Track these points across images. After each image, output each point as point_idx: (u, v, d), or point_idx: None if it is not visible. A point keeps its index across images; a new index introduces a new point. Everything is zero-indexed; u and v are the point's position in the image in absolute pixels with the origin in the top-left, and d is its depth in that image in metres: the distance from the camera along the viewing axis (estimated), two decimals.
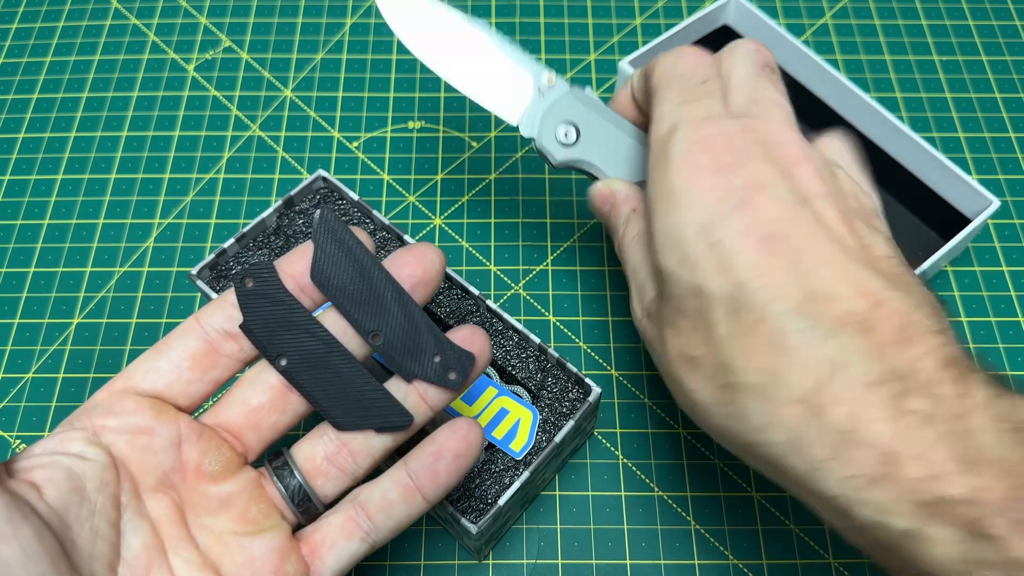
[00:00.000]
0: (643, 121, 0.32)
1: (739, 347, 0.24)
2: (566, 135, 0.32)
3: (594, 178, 0.32)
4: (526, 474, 0.31)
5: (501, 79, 0.33)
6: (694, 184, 0.26)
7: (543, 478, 0.34)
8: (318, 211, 0.26)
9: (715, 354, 0.24)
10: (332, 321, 0.26)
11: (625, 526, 0.35)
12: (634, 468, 0.36)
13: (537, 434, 0.33)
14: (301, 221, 0.37)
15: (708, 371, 0.25)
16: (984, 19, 0.49)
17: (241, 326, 0.25)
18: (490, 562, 0.34)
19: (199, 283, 0.35)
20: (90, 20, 0.49)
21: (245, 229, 0.36)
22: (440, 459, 0.26)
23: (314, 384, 0.26)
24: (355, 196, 0.37)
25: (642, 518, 0.35)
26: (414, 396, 0.26)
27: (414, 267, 0.26)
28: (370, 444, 0.26)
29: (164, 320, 0.39)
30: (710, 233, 0.25)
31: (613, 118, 0.32)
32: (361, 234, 0.26)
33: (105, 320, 0.39)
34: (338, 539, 0.26)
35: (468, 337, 0.26)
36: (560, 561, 0.34)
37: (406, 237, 0.36)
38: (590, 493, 0.35)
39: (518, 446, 0.32)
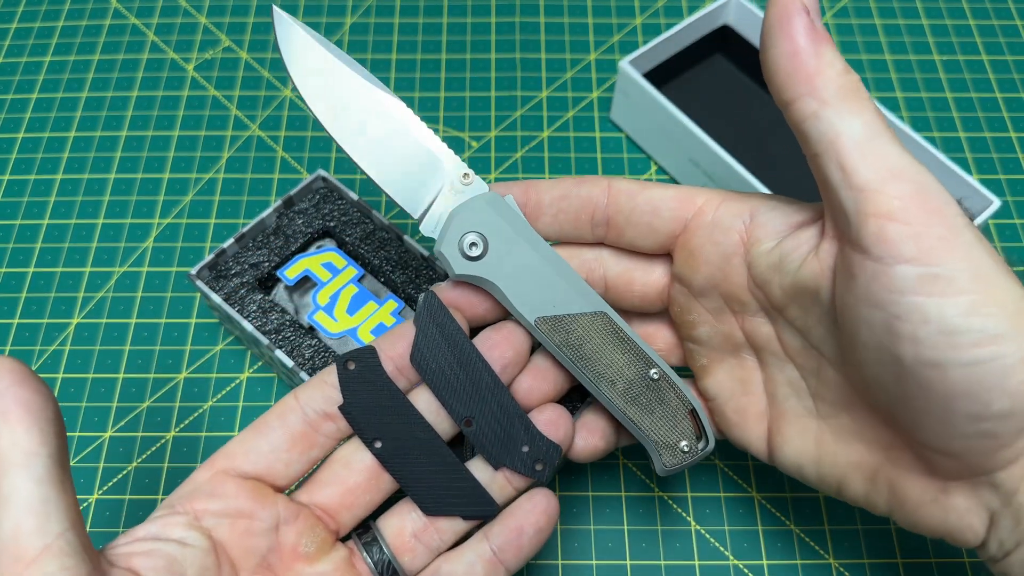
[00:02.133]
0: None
1: None
2: (472, 246, 0.26)
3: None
4: None
5: (411, 162, 0.28)
6: None
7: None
8: (422, 295, 0.27)
9: None
10: (424, 404, 0.27)
11: (625, 526, 0.35)
12: (634, 468, 0.36)
13: None
14: (300, 221, 0.37)
15: None
16: (985, 19, 0.49)
17: (341, 408, 0.26)
18: None
19: (199, 283, 0.35)
20: (89, 20, 0.49)
21: (245, 229, 0.36)
22: (523, 535, 0.26)
23: (406, 468, 0.27)
24: (355, 196, 0.37)
25: (642, 518, 0.35)
26: (501, 481, 0.27)
27: (504, 349, 0.27)
28: (456, 524, 0.27)
29: (163, 320, 0.39)
30: None
31: (531, 237, 0.27)
32: (460, 317, 0.27)
33: (104, 320, 0.39)
34: None
35: (554, 421, 0.27)
36: (560, 561, 0.34)
37: (405, 237, 0.36)
38: (590, 493, 0.35)
39: None
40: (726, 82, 0.46)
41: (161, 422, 0.37)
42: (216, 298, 0.35)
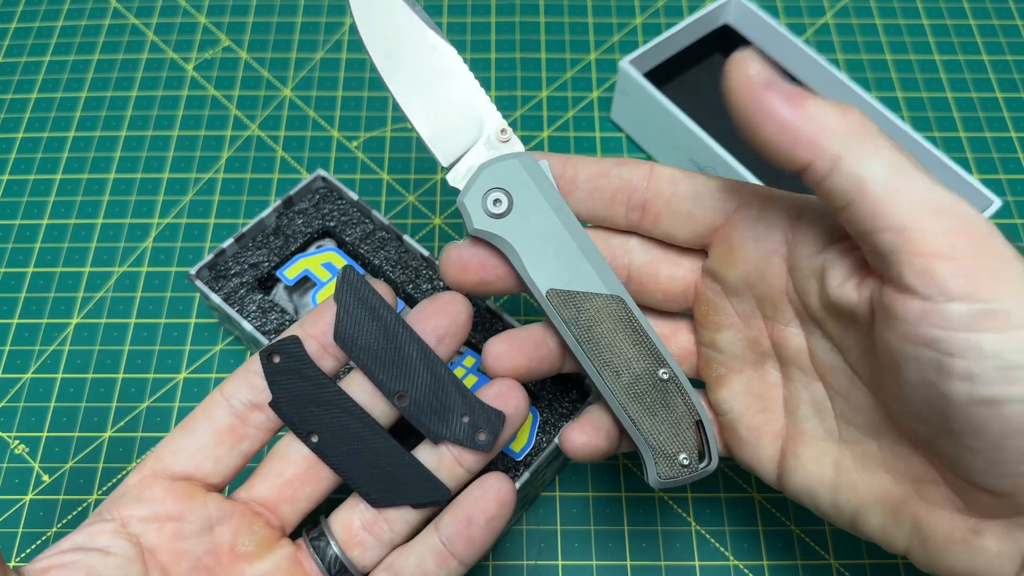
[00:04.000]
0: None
1: None
2: (496, 203, 0.26)
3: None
4: (526, 475, 0.31)
5: (452, 108, 0.27)
6: None
7: (543, 479, 0.34)
8: (340, 269, 0.25)
9: None
10: (359, 387, 0.26)
11: (625, 527, 0.35)
12: (634, 468, 0.36)
13: (537, 435, 0.32)
14: (300, 221, 0.37)
15: None
16: (985, 18, 0.49)
17: (270, 404, 0.25)
18: (490, 563, 0.34)
19: (198, 283, 0.35)
20: (89, 19, 0.49)
21: (244, 229, 0.36)
22: (473, 524, 0.25)
23: (346, 460, 0.26)
24: (354, 196, 0.37)
25: (642, 519, 0.35)
26: (448, 461, 0.26)
27: (439, 319, 0.26)
28: (406, 514, 0.26)
29: (163, 320, 0.39)
30: None
31: (558, 206, 0.26)
32: (383, 288, 0.26)
33: (104, 320, 0.39)
34: None
35: (502, 393, 0.26)
36: (560, 562, 0.34)
37: (405, 237, 0.36)
38: (590, 494, 0.35)
39: (518, 447, 0.32)
40: None
41: (161, 422, 0.37)
42: (216, 298, 0.34)
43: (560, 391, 0.33)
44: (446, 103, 0.27)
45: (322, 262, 0.36)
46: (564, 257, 0.26)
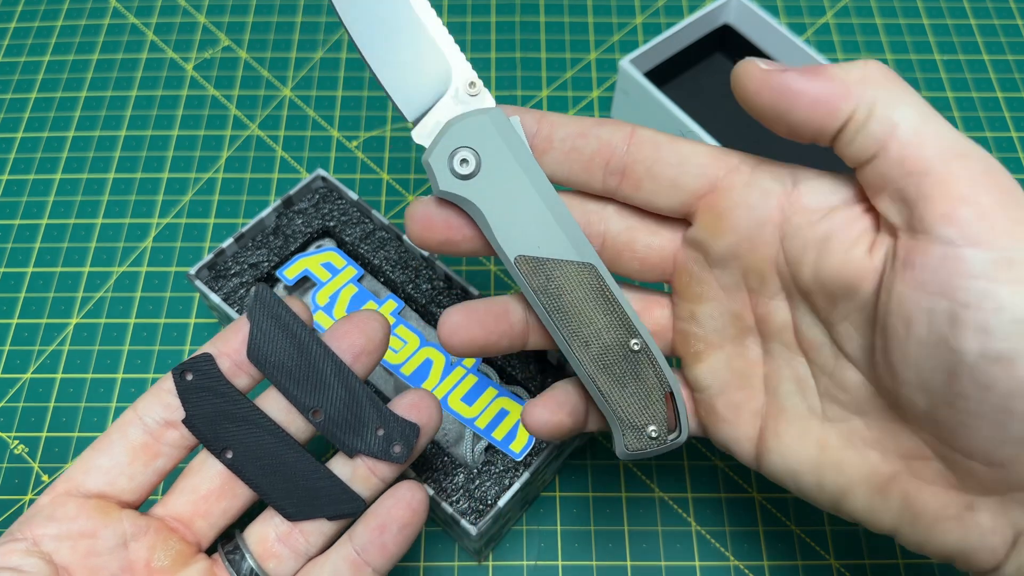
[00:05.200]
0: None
1: None
2: (462, 163, 0.24)
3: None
4: (526, 475, 0.31)
5: (418, 57, 0.25)
6: None
7: (543, 479, 0.34)
8: (253, 288, 0.26)
9: None
10: (274, 403, 0.26)
11: (625, 527, 0.35)
12: (634, 469, 0.36)
13: None
14: (300, 221, 0.37)
15: None
16: (986, 18, 0.49)
17: (184, 421, 0.25)
18: (490, 563, 0.34)
19: (198, 283, 0.35)
20: (88, 19, 0.49)
21: (244, 229, 0.36)
22: (386, 532, 0.25)
23: (261, 475, 0.26)
24: (354, 196, 0.37)
25: (642, 519, 0.35)
26: (363, 472, 0.26)
27: (355, 336, 0.26)
28: (322, 526, 0.26)
29: (163, 320, 0.39)
30: None
31: (530, 167, 0.25)
32: (298, 306, 0.26)
33: (104, 320, 0.39)
34: None
35: (415, 404, 0.26)
36: (560, 562, 0.34)
37: (405, 237, 0.36)
38: (590, 494, 0.35)
39: (518, 447, 0.32)
40: (726, 81, 0.45)
41: None
42: (215, 298, 0.34)
43: None
44: (412, 51, 0.25)
45: (322, 262, 0.36)
46: (535, 222, 0.24)
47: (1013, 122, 0.45)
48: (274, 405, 0.26)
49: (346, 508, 0.26)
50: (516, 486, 0.31)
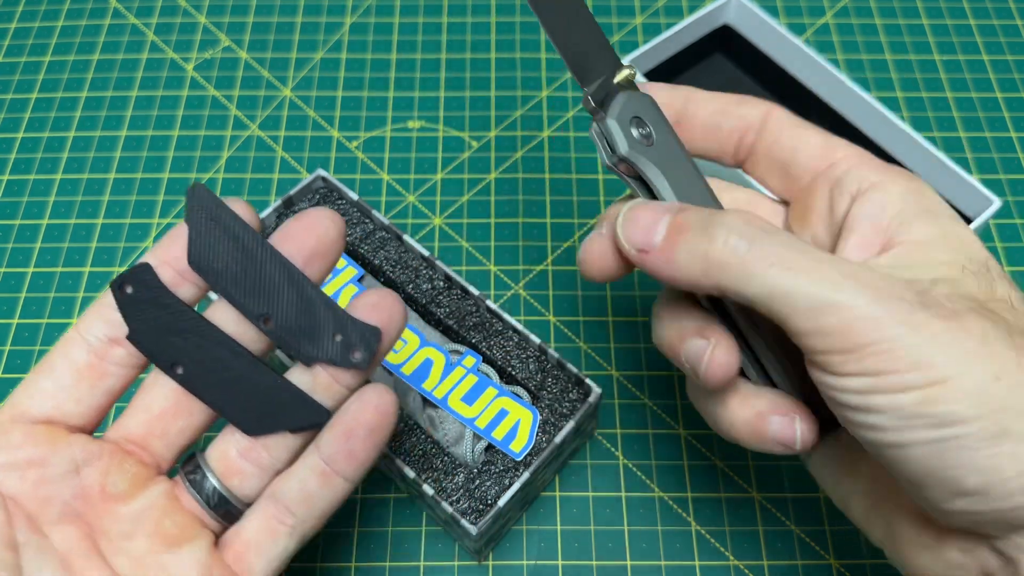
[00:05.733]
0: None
1: None
2: (641, 131, 0.25)
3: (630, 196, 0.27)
4: (526, 475, 0.31)
5: (586, 36, 0.26)
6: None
7: (543, 479, 0.34)
8: (188, 188, 0.24)
9: None
10: (224, 314, 0.24)
11: (625, 527, 0.35)
12: (634, 468, 0.36)
13: (537, 435, 0.32)
14: None
15: None
16: (985, 18, 0.49)
17: (128, 337, 0.24)
18: (490, 563, 0.34)
19: None
20: (89, 19, 0.49)
21: None
22: (353, 437, 0.24)
23: (216, 390, 0.24)
24: (355, 196, 0.37)
25: (642, 519, 0.35)
26: (324, 380, 0.24)
27: (305, 237, 0.24)
28: (286, 439, 0.25)
29: None
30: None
31: (683, 144, 0.26)
32: (240, 206, 0.24)
33: None
34: (263, 541, 0.24)
35: (376, 304, 0.24)
36: (560, 562, 0.34)
37: (405, 237, 0.36)
38: (590, 494, 0.35)
39: (518, 447, 0.32)
40: (726, 82, 0.45)
41: None
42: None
43: (560, 391, 0.33)
44: (582, 31, 0.26)
45: None
46: (695, 189, 0.25)
47: (1012, 122, 0.45)
48: (224, 316, 0.24)
49: (309, 419, 0.24)
50: (516, 486, 0.31)
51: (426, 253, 0.36)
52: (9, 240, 0.42)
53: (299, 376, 0.25)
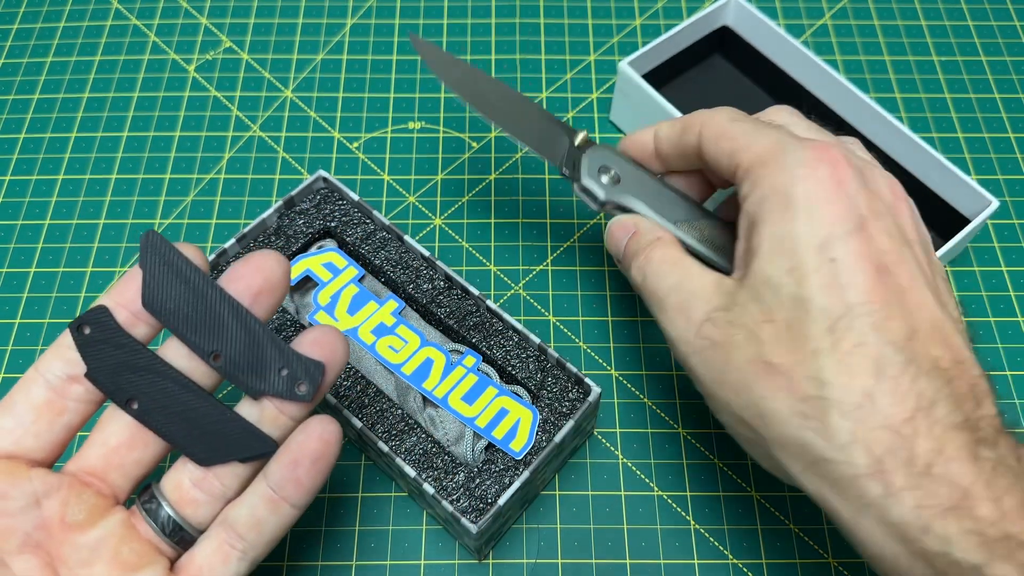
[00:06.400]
0: (662, 167, 0.33)
1: (836, 364, 0.24)
2: (606, 180, 0.32)
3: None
4: (526, 474, 0.31)
5: (538, 128, 0.34)
6: (816, 195, 0.25)
7: (543, 478, 0.34)
8: (142, 235, 0.25)
9: (806, 366, 0.24)
10: (176, 351, 0.26)
11: (625, 526, 0.35)
12: (634, 468, 0.36)
13: (537, 434, 0.33)
14: (301, 221, 0.37)
15: (793, 381, 0.25)
16: (983, 20, 0.49)
17: (86, 375, 0.25)
18: (490, 562, 0.34)
19: None
20: (91, 21, 0.49)
21: (246, 229, 0.36)
22: (299, 466, 0.25)
23: (169, 423, 0.25)
24: (355, 196, 0.37)
25: (642, 518, 0.35)
26: (271, 412, 0.26)
27: (252, 278, 0.25)
28: (236, 469, 0.26)
29: None
30: (828, 250, 0.25)
31: (642, 168, 0.33)
32: (191, 251, 0.26)
33: None
34: (215, 565, 0.25)
35: (318, 340, 0.26)
36: (560, 561, 0.34)
37: (406, 237, 0.36)
38: (590, 493, 0.35)
39: (518, 446, 0.32)
40: (725, 83, 0.46)
41: None
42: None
43: (560, 391, 0.34)
44: (535, 128, 0.34)
45: (323, 262, 0.36)
46: (666, 202, 0.32)
47: (1010, 123, 0.46)
48: (176, 353, 0.26)
49: (257, 449, 0.26)
50: (516, 485, 0.31)
51: (426, 253, 0.36)
52: (11, 240, 0.42)
53: (247, 409, 0.26)
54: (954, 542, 0.22)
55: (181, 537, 0.26)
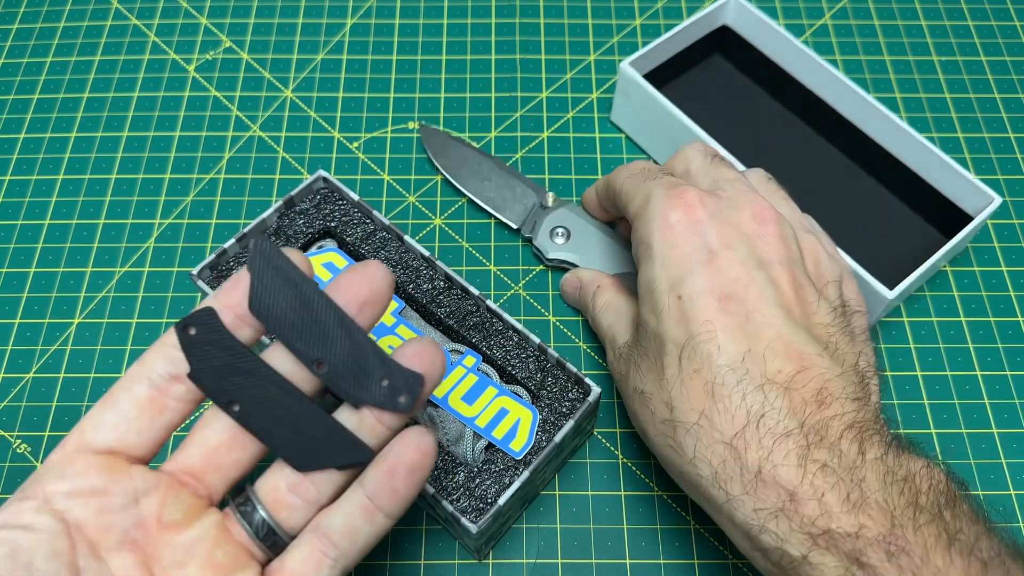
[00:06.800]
0: (606, 217, 0.39)
1: (681, 390, 0.28)
2: (559, 238, 0.39)
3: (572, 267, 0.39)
4: (526, 474, 0.31)
5: (511, 195, 0.42)
6: (668, 240, 0.29)
7: (543, 478, 0.34)
8: (252, 240, 0.25)
9: (662, 393, 0.29)
10: (280, 357, 0.26)
11: (625, 525, 0.35)
12: (634, 468, 0.36)
13: (537, 434, 0.33)
14: (301, 221, 0.37)
15: (655, 406, 0.29)
16: (983, 19, 0.49)
17: (189, 375, 0.25)
18: (490, 562, 0.34)
19: (200, 283, 0.35)
20: (91, 20, 0.49)
21: (246, 229, 0.36)
22: (395, 476, 0.25)
23: (269, 427, 0.25)
24: (355, 196, 0.37)
25: (642, 517, 0.35)
26: (370, 421, 0.26)
27: (359, 287, 0.26)
28: (332, 475, 0.26)
29: (164, 320, 0.39)
30: (677, 288, 0.29)
31: (596, 223, 0.39)
32: (297, 257, 0.26)
33: (106, 320, 0.39)
34: (307, 572, 0.25)
35: (418, 353, 0.26)
36: (560, 560, 0.34)
37: (406, 237, 0.36)
38: (590, 493, 0.35)
39: (518, 446, 0.32)
40: (726, 82, 0.46)
41: None
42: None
43: (560, 390, 0.34)
44: (506, 193, 0.42)
45: (323, 262, 0.36)
46: (607, 252, 0.39)
47: (1010, 123, 0.46)
48: (279, 358, 0.26)
49: (354, 457, 0.26)
50: (516, 484, 0.31)
51: (426, 253, 0.36)
52: (11, 240, 0.42)
53: (346, 416, 0.26)
54: (786, 539, 0.25)
55: (273, 542, 0.26)
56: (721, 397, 0.27)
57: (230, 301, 0.25)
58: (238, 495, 0.26)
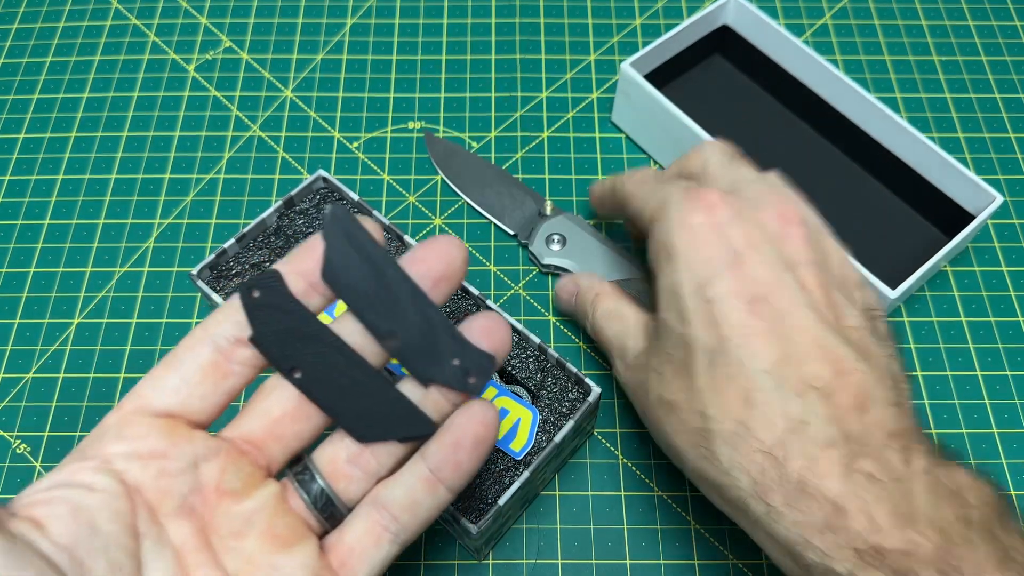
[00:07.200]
0: (608, 213, 0.38)
1: (715, 397, 0.26)
2: (555, 245, 0.40)
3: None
4: (526, 474, 0.31)
5: (511, 202, 0.42)
6: (691, 243, 0.28)
7: (543, 478, 0.34)
8: (328, 206, 0.24)
9: (693, 401, 0.27)
10: (347, 326, 0.25)
11: (625, 526, 0.35)
12: (634, 468, 0.36)
13: (537, 434, 0.33)
14: (301, 221, 0.37)
15: (685, 415, 0.27)
16: (984, 19, 0.49)
17: (250, 339, 0.24)
18: (490, 562, 0.34)
19: (199, 283, 0.35)
20: (90, 20, 0.49)
21: (245, 229, 0.36)
22: (460, 449, 0.24)
23: (331, 396, 0.25)
24: (355, 196, 0.37)
25: (642, 518, 0.35)
26: (435, 396, 0.25)
27: (433, 262, 0.25)
28: (393, 447, 0.25)
29: (164, 320, 0.39)
30: (704, 291, 0.27)
31: (592, 232, 0.40)
32: (372, 227, 0.25)
33: (105, 320, 0.39)
34: (368, 546, 0.25)
35: (486, 328, 0.25)
36: (560, 561, 0.34)
37: (406, 237, 0.36)
38: (590, 493, 0.35)
39: (518, 446, 0.32)
40: (726, 82, 0.46)
41: None
42: (217, 298, 0.35)
43: (560, 391, 0.34)
44: (507, 200, 0.42)
45: None
46: (603, 259, 0.39)
47: (1011, 123, 0.45)
48: (348, 328, 0.25)
49: (417, 430, 0.25)
50: (516, 485, 0.31)
51: None
52: (11, 240, 0.42)
53: (410, 389, 0.25)
54: (831, 555, 0.24)
55: (331, 513, 0.25)
56: (758, 403, 0.25)
57: (303, 268, 0.24)
58: (296, 464, 0.25)
